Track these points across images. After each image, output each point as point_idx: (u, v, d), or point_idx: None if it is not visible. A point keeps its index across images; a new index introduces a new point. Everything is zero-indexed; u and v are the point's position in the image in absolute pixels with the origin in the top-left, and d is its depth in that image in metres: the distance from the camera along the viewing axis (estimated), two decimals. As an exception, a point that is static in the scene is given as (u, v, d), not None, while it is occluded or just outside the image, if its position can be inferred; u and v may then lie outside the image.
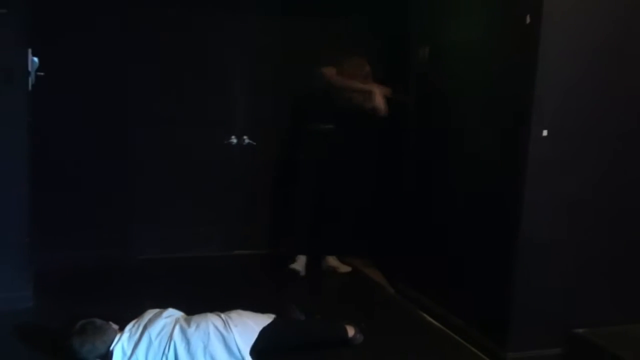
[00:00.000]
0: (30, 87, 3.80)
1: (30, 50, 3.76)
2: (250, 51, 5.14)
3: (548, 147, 3.19)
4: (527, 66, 3.17)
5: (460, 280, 3.78)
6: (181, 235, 5.16)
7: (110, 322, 3.10)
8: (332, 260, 5.01)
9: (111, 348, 2.98)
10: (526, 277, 3.29)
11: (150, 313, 3.17)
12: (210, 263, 5.04)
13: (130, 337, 3.02)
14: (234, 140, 5.20)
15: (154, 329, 3.03)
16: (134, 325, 3.08)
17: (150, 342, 2.99)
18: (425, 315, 4.08)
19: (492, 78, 3.52)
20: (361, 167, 5.22)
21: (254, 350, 3.06)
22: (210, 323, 3.07)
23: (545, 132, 3.18)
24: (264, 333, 3.12)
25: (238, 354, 3.02)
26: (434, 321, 3.98)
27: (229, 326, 3.07)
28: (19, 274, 3.82)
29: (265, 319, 3.22)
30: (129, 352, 2.97)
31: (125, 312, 3.30)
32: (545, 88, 3.14)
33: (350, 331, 3.45)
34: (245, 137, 5.22)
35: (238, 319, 3.14)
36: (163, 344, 2.99)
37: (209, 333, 3.03)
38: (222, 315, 3.16)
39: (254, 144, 5.23)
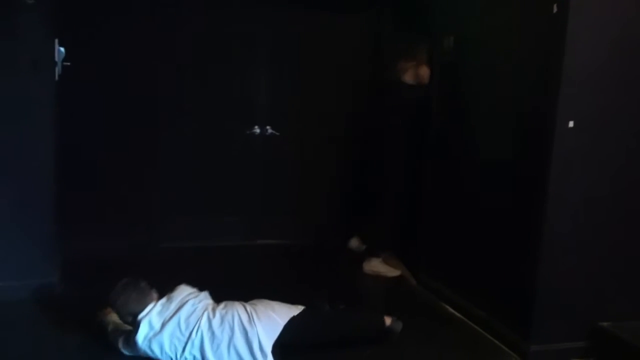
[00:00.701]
0: (56, 77, 3.85)
1: (57, 41, 3.80)
2: (273, 44, 5.15)
3: (573, 139, 3.15)
4: (553, 55, 3.13)
5: (484, 272, 3.76)
6: (205, 224, 5.20)
7: (153, 290, 3.14)
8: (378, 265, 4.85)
9: (139, 318, 3.02)
10: (550, 270, 3.26)
11: (184, 291, 3.18)
12: (233, 252, 5.08)
13: (160, 312, 3.04)
14: (257, 130, 5.21)
15: (185, 312, 3.04)
16: (166, 301, 3.10)
17: (178, 324, 3.00)
18: (447, 307, 4.07)
19: (518, 67, 3.48)
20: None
21: (277, 345, 3.02)
22: (236, 316, 3.04)
23: (571, 124, 3.14)
24: (289, 326, 3.07)
25: (258, 349, 2.99)
26: (456, 313, 3.97)
27: (254, 320, 3.03)
28: (46, 261, 3.88)
29: (292, 311, 3.16)
30: (156, 328, 2.99)
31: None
32: (572, 78, 3.10)
33: (387, 320, 3.33)
34: (268, 127, 5.23)
35: (263, 313, 3.08)
36: (190, 329, 3.00)
37: (233, 327, 3.01)
38: (248, 307, 3.11)
39: (277, 134, 5.24)
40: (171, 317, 3.02)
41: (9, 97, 3.66)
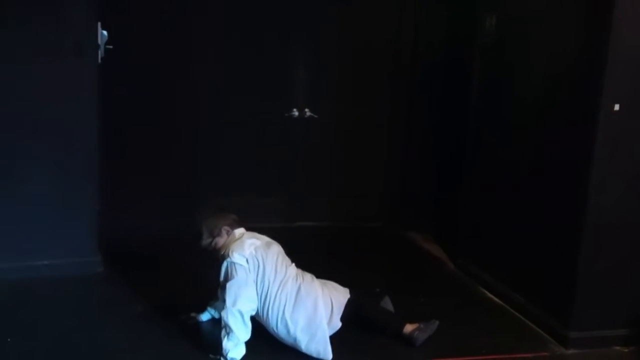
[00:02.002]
0: (99, 60, 3.91)
1: (99, 24, 3.86)
2: (312, 25, 5.12)
3: (618, 122, 3.07)
4: (599, 35, 3.05)
5: (523, 257, 3.71)
6: (243, 206, 5.22)
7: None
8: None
9: (242, 231, 3.20)
10: (592, 256, 3.20)
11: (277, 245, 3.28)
12: (272, 234, 5.09)
13: (262, 238, 3.21)
14: (295, 113, 5.22)
15: (283, 251, 3.23)
16: (266, 241, 3.22)
17: (280, 252, 3.19)
18: (485, 291, 4.03)
19: (562, 47, 3.40)
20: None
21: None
22: (313, 291, 3.12)
23: (617, 107, 3.06)
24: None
25: (324, 327, 3.06)
26: (494, 298, 3.94)
27: (332, 303, 3.13)
28: (89, 240, 3.98)
29: (345, 295, 3.25)
30: (262, 241, 3.16)
31: (188, 278, 3.38)
32: (618, 59, 3.01)
33: (409, 327, 3.24)
34: (306, 110, 5.23)
35: (336, 298, 3.18)
36: (285, 265, 3.15)
37: (308, 295, 3.09)
38: (325, 289, 3.18)
39: (316, 117, 5.23)
40: (274, 243, 3.22)
41: (54, 80, 3.74)
